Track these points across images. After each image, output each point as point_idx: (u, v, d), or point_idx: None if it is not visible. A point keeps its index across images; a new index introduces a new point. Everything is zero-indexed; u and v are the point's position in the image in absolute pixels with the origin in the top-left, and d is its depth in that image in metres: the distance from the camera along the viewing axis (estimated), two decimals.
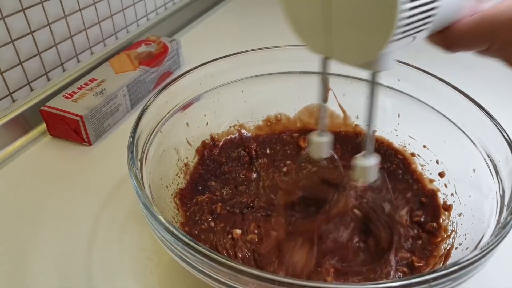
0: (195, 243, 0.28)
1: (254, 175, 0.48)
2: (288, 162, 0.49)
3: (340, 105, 0.51)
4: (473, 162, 0.40)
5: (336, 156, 0.39)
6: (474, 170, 0.40)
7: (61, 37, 0.61)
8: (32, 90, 0.58)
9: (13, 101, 0.56)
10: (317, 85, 0.35)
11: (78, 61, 0.65)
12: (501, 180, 0.35)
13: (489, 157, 0.38)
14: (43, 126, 0.56)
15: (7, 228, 0.44)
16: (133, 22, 0.75)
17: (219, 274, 0.28)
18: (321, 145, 0.37)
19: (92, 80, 0.59)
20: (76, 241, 0.42)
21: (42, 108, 0.54)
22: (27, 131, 0.56)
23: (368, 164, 0.33)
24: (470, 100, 0.41)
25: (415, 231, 0.41)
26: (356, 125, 0.51)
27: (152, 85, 0.65)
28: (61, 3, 0.59)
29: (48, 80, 0.60)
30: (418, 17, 0.24)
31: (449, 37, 0.28)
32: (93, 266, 0.40)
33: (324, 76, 0.34)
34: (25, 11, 0.54)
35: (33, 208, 0.46)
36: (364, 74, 0.49)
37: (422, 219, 0.42)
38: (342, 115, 0.52)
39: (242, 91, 0.49)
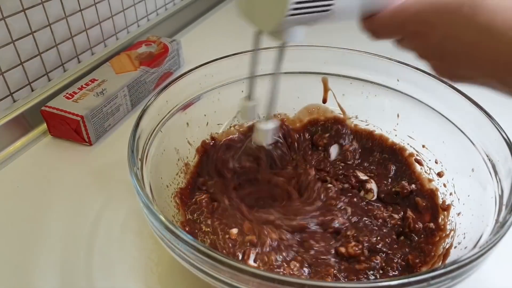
0: (196, 242, 0.28)
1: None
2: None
3: (339, 105, 0.51)
4: (472, 161, 0.40)
5: (281, 140, 0.44)
6: (473, 169, 0.40)
7: (62, 37, 0.61)
8: (32, 90, 0.58)
9: (14, 101, 0.56)
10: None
11: (79, 62, 0.65)
12: (499, 179, 0.35)
13: (488, 157, 0.38)
14: (44, 126, 0.56)
15: (8, 228, 0.44)
16: (134, 23, 0.75)
17: (219, 273, 0.28)
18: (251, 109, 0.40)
19: (92, 81, 0.59)
20: (77, 240, 0.43)
21: (42, 108, 0.54)
22: (27, 131, 0.56)
23: (266, 127, 0.37)
24: (469, 100, 0.41)
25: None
26: (356, 125, 0.52)
27: (153, 85, 0.65)
28: (61, 3, 0.59)
29: (49, 80, 0.60)
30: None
31: (372, 25, 0.31)
32: (94, 265, 0.40)
33: (256, 52, 0.38)
34: (26, 11, 0.54)
35: (34, 208, 0.46)
36: (364, 74, 0.50)
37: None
38: (341, 115, 0.52)
39: (242, 91, 0.49)
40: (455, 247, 0.37)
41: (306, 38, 0.32)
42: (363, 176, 0.47)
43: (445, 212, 0.42)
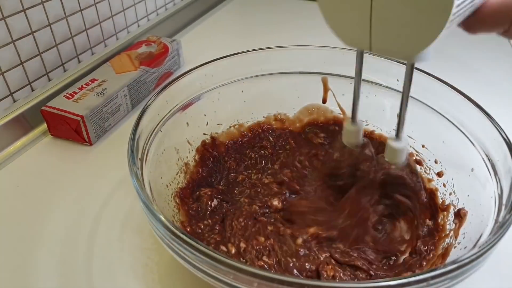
0: (196, 242, 0.28)
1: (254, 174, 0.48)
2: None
3: (339, 105, 0.51)
4: (472, 161, 0.40)
5: (369, 144, 0.41)
6: (472, 169, 0.40)
7: (62, 37, 0.61)
8: (33, 90, 0.58)
9: (14, 101, 0.56)
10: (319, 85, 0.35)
11: (79, 61, 0.65)
12: (499, 179, 0.36)
13: (487, 156, 0.38)
14: (44, 126, 0.57)
15: (8, 227, 0.44)
16: (134, 23, 0.75)
17: (219, 273, 0.28)
18: (353, 133, 0.38)
19: (92, 80, 0.59)
20: (77, 240, 0.43)
21: (43, 108, 0.54)
22: (28, 131, 0.56)
23: (398, 146, 0.35)
24: (468, 99, 0.41)
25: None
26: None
27: (153, 85, 0.65)
28: (61, 3, 0.59)
29: (49, 80, 0.60)
30: (464, 4, 0.24)
31: (473, 19, 0.29)
32: (94, 265, 0.40)
33: (358, 69, 0.36)
34: (26, 11, 0.54)
35: (34, 208, 0.46)
36: (364, 74, 0.50)
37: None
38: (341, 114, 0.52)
39: (242, 91, 0.49)
40: (454, 247, 0.37)
41: (306, 38, 0.32)
42: None
43: (445, 212, 0.42)
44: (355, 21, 0.28)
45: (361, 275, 0.38)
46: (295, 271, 0.37)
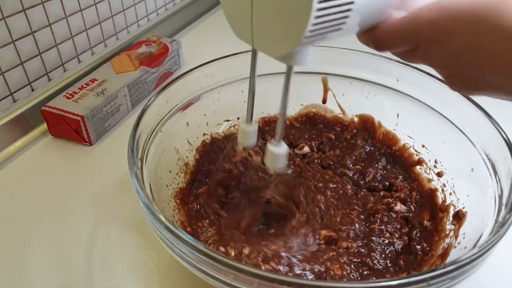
0: (195, 242, 0.28)
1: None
2: None
3: (339, 105, 0.51)
4: (472, 161, 0.40)
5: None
6: (472, 169, 0.40)
7: (62, 37, 0.61)
8: (33, 90, 0.58)
9: (14, 101, 0.56)
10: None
11: (79, 62, 0.65)
12: (499, 179, 0.36)
13: (487, 156, 0.38)
14: (44, 126, 0.57)
15: (8, 227, 0.44)
16: (134, 23, 0.75)
17: (219, 273, 0.28)
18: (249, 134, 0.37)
19: (93, 80, 0.59)
20: (77, 240, 0.43)
21: (43, 108, 0.54)
22: (28, 131, 0.56)
23: (278, 152, 0.33)
24: (468, 99, 0.41)
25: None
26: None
27: (153, 85, 0.65)
28: (62, 3, 0.59)
29: (49, 80, 0.60)
30: (331, 17, 0.24)
31: (377, 37, 0.29)
32: (94, 265, 0.40)
33: (253, 70, 0.35)
34: (26, 11, 0.54)
35: (34, 207, 0.46)
36: (364, 74, 0.50)
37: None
38: (341, 114, 0.52)
39: (242, 91, 0.49)
40: (454, 247, 0.37)
41: None
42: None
43: (445, 212, 0.42)
44: (242, 14, 0.29)
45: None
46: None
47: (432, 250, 0.39)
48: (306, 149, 0.50)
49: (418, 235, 0.41)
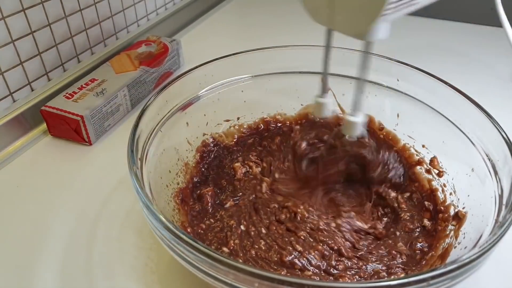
0: (195, 242, 0.28)
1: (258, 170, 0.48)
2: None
3: (339, 105, 0.51)
4: (472, 161, 0.40)
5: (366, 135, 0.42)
6: (472, 169, 0.40)
7: (62, 37, 0.61)
8: (32, 90, 0.58)
9: (14, 101, 0.56)
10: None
11: (79, 61, 0.65)
12: (499, 179, 0.36)
13: (487, 156, 0.38)
14: (44, 126, 0.56)
15: (7, 227, 0.44)
16: (134, 22, 0.75)
17: (219, 273, 0.28)
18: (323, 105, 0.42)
19: (92, 80, 0.59)
20: (77, 240, 0.43)
21: (42, 108, 0.54)
22: (27, 131, 0.56)
23: (355, 119, 0.37)
24: (468, 99, 0.41)
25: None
26: None
27: (153, 85, 0.65)
28: (61, 3, 0.59)
29: (49, 80, 0.60)
30: None
31: None
32: (93, 265, 0.40)
33: (328, 49, 0.39)
34: (26, 11, 0.54)
35: (34, 207, 0.46)
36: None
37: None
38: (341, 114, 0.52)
39: (242, 91, 0.49)
40: (455, 247, 0.37)
41: (306, 38, 0.33)
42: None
43: (445, 213, 0.42)
44: (324, 1, 0.32)
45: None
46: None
47: (432, 250, 0.39)
48: None
49: (418, 235, 0.41)
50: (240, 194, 0.45)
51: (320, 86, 0.41)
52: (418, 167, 0.47)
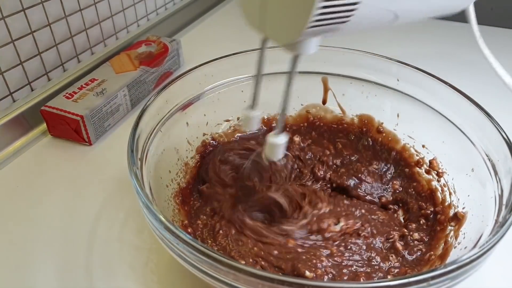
0: (195, 242, 0.28)
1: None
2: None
3: (339, 105, 0.51)
4: (472, 161, 0.40)
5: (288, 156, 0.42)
6: (472, 169, 0.40)
7: (62, 37, 0.61)
8: (32, 90, 0.58)
9: (14, 101, 0.56)
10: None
11: (79, 61, 0.65)
12: (499, 179, 0.35)
13: (487, 156, 0.38)
14: (44, 126, 0.56)
15: (7, 227, 0.44)
16: (134, 22, 0.75)
17: (219, 273, 0.28)
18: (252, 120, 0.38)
19: (92, 80, 0.59)
20: (77, 240, 0.43)
21: (42, 108, 0.54)
22: (27, 131, 0.56)
23: (278, 142, 0.35)
24: (468, 99, 0.41)
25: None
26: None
27: (153, 85, 0.65)
28: (61, 3, 0.59)
29: (49, 80, 0.60)
30: (335, 12, 0.25)
31: None
32: (93, 265, 0.40)
33: (261, 58, 0.36)
34: (26, 11, 0.54)
35: (34, 207, 0.46)
36: (364, 74, 0.50)
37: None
38: (341, 114, 0.52)
39: (242, 91, 0.49)
40: (454, 247, 0.37)
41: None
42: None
43: (445, 213, 0.42)
44: (256, 3, 0.30)
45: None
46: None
47: (432, 250, 0.39)
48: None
49: (417, 235, 0.41)
50: None
51: (251, 98, 0.38)
52: (417, 168, 0.47)
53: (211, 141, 0.49)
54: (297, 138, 0.51)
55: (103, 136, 0.57)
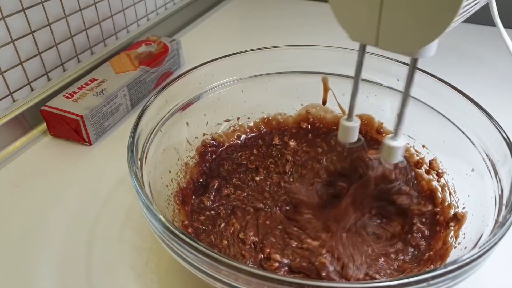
0: (195, 242, 0.28)
1: (258, 178, 0.48)
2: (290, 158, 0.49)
3: (339, 105, 0.51)
4: (472, 161, 0.40)
5: (363, 141, 0.40)
6: (472, 169, 0.40)
7: (62, 37, 0.61)
8: (32, 90, 0.58)
9: (14, 101, 0.56)
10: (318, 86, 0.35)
11: (79, 61, 0.65)
12: (499, 179, 0.35)
13: (487, 156, 0.38)
14: (44, 126, 0.56)
15: (7, 227, 0.44)
16: (134, 22, 0.75)
17: (219, 273, 0.28)
18: (349, 129, 0.38)
19: (92, 80, 0.59)
20: (77, 240, 0.43)
21: (42, 108, 0.54)
22: (27, 131, 0.56)
23: (396, 144, 0.34)
24: (469, 99, 0.41)
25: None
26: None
27: (153, 85, 0.65)
28: (61, 3, 0.59)
29: (49, 80, 0.60)
30: None
31: None
32: (93, 265, 0.40)
33: (360, 67, 0.36)
34: (26, 11, 0.54)
35: (34, 207, 0.46)
36: (364, 74, 0.50)
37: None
38: (341, 114, 0.52)
39: (242, 91, 0.49)
40: (454, 247, 0.37)
41: (306, 38, 0.32)
42: None
43: (445, 213, 0.41)
44: (365, 15, 0.29)
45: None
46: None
47: (432, 250, 0.39)
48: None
49: (417, 235, 0.41)
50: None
51: (349, 107, 0.37)
52: (417, 169, 0.46)
53: (211, 141, 0.49)
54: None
55: (103, 136, 0.57)
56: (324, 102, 0.51)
